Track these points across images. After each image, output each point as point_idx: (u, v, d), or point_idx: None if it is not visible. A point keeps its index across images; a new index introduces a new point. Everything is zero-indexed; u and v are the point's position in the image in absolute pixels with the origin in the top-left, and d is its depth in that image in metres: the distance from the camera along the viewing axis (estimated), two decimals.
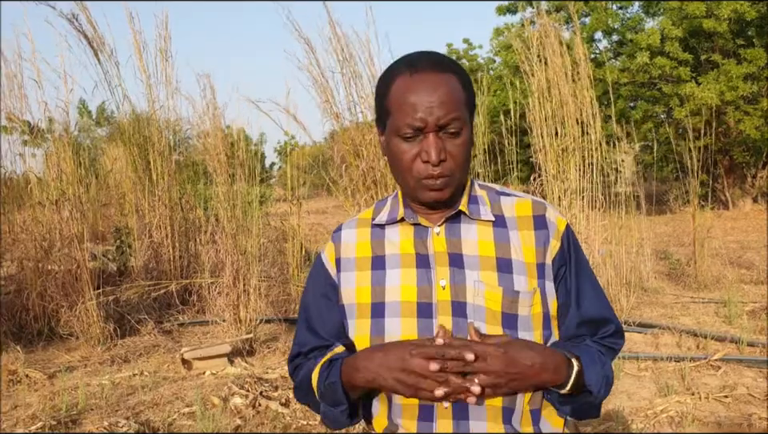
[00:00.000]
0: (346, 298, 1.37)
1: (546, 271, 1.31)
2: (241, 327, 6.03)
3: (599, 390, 1.25)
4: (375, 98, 1.36)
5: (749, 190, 16.66)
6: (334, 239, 1.44)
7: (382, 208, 1.42)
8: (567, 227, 1.36)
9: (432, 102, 1.22)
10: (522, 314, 1.26)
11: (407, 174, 1.28)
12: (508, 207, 1.36)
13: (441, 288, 1.28)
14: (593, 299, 1.36)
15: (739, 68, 14.47)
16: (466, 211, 1.32)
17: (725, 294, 6.86)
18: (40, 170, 7.15)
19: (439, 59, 1.30)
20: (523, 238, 1.31)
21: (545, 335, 1.29)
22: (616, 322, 1.39)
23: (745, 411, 4.04)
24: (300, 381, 1.41)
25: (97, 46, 7.61)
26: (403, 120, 1.24)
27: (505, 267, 1.28)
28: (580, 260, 1.37)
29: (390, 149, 1.31)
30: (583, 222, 6.15)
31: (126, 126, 8.10)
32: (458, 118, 1.24)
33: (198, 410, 4.20)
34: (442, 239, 1.32)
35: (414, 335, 1.26)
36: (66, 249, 6.32)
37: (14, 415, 4.43)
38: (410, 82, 1.25)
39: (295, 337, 1.48)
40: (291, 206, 7.40)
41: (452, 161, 1.25)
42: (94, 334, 6.03)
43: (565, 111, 6.26)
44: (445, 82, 1.25)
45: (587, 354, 1.26)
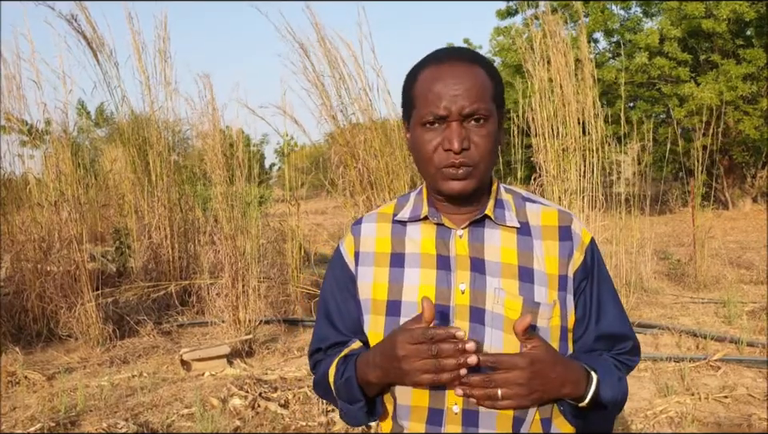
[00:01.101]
0: (363, 292, 1.35)
1: (567, 283, 1.29)
2: (240, 328, 6.03)
3: (614, 404, 1.24)
4: (402, 93, 1.34)
5: (748, 190, 16.66)
6: (354, 231, 1.41)
7: (404, 204, 1.39)
8: (592, 240, 1.34)
9: (457, 91, 1.20)
10: (540, 325, 1.24)
11: (429, 164, 1.25)
12: (534, 215, 1.33)
13: (460, 292, 1.26)
14: (613, 315, 1.34)
15: (738, 68, 14.47)
16: (492, 216, 1.30)
17: (724, 294, 6.86)
18: (39, 171, 7.14)
19: (467, 51, 1.29)
20: (547, 248, 1.29)
21: (561, 348, 1.27)
22: (634, 339, 1.38)
23: (744, 411, 4.04)
24: (319, 378, 1.39)
25: (96, 46, 7.61)
26: (427, 108, 1.22)
27: (526, 276, 1.26)
28: (602, 275, 1.34)
29: (413, 140, 1.29)
30: (583, 222, 6.14)
31: (125, 126, 8.10)
32: (482, 108, 1.22)
33: (197, 411, 4.20)
34: (465, 242, 1.29)
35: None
36: (65, 250, 6.31)
37: (12, 416, 4.43)
38: (435, 72, 1.24)
39: (315, 331, 1.46)
40: (290, 207, 7.40)
41: (475, 150, 1.22)
42: (93, 335, 6.03)
43: (566, 110, 6.24)
44: (471, 73, 1.23)
45: (604, 368, 1.25)
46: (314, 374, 1.44)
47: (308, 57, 6.21)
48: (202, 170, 7.85)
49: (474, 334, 1.22)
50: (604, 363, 1.26)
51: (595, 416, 1.25)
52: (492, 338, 1.23)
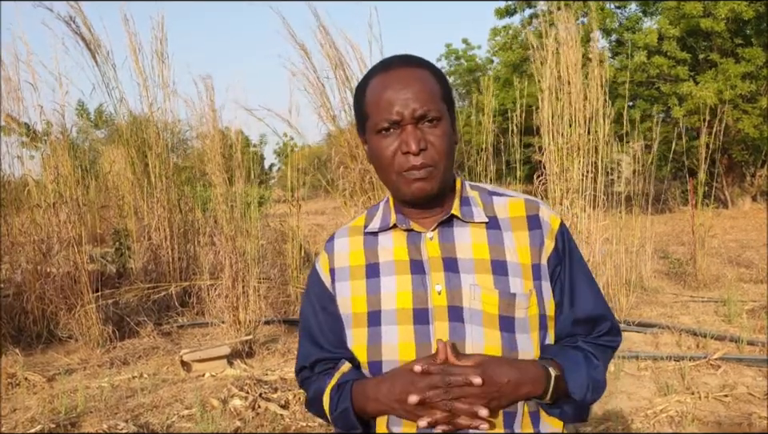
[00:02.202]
0: (343, 308, 1.36)
1: (541, 271, 1.30)
2: (240, 329, 6.03)
3: (584, 396, 1.25)
4: (354, 107, 1.37)
5: (748, 188, 16.68)
6: (327, 249, 1.43)
7: (374, 215, 1.41)
8: (561, 224, 1.35)
9: (407, 95, 1.23)
10: (518, 316, 1.25)
11: (390, 170, 1.27)
12: (501, 208, 1.35)
13: (436, 293, 1.27)
14: (588, 297, 1.35)
15: (737, 67, 14.49)
16: (459, 215, 1.32)
17: (724, 293, 6.86)
18: (38, 172, 7.14)
19: (411, 57, 1.32)
20: (517, 239, 1.30)
21: (541, 336, 1.29)
22: (612, 319, 1.38)
23: (745, 410, 4.03)
24: (311, 399, 1.41)
25: (94, 48, 7.60)
26: (380, 116, 1.25)
27: (500, 269, 1.28)
28: (575, 258, 1.36)
29: (371, 150, 1.31)
30: (585, 221, 6.14)
31: (124, 128, 8.10)
32: (434, 108, 1.24)
33: (197, 412, 4.20)
34: (436, 244, 1.31)
35: (412, 343, 1.26)
36: (64, 252, 6.31)
37: (13, 418, 4.42)
38: (384, 80, 1.27)
39: (299, 350, 1.47)
40: (291, 208, 7.40)
41: (433, 150, 1.24)
42: (93, 336, 6.03)
43: (574, 109, 6.21)
44: (418, 76, 1.26)
45: (572, 359, 1.26)
46: (304, 390, 1.46)
47: (309, 59, 6.21)
48: (202, 170, 7.85)
49: (454, 333, 1.24)
50: (573, 356, 1.28)
51: (568, 407, 1.26)
52: (472, 334, 1.24)
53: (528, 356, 1.25)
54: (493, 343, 1.23)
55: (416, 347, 1.25)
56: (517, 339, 1.25)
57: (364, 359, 1.32)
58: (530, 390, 1.19)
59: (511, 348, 1.24)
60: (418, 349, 1.25)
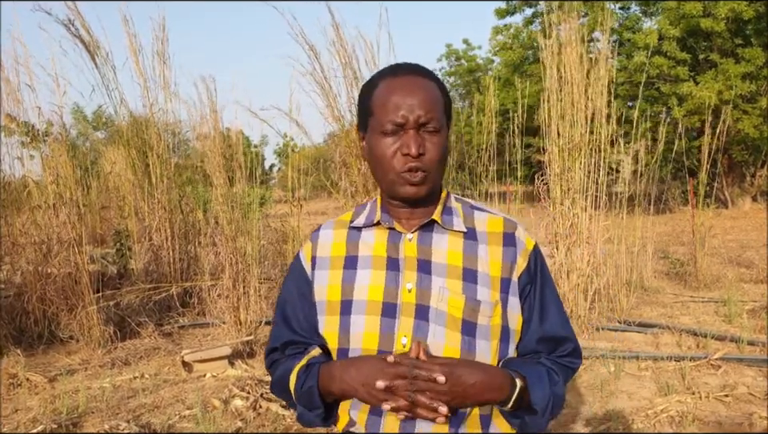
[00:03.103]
0: (318, 295, 1.43)
1: (510, 286, 1.36)
2: (241, 330, 6.03)
3: (545, 409, 1.30)
4: (359, 102, 1.43)
5: (748, 189, 16.69)
6: (312, 238, 1.50)
7: (361, 212, 1.48)
8: (536, 246, 1.42)
9: (413, 101, 1.30)
10: (481, 323, 1.32)
11: (388, 170, 1.33)
12: (481, 222, 1.42)
13: (407, 291, 1.34)
14: (556, 318, 1.41)
15: (737, 67, 14.50)
16: (440, 221, 1.38)
17: (725, 293, 6.87)
18: (38, 173, 7.14)
19: (421, 67, 1.39)
20: (491, 252, 1.37)
21: (501, 347, 1.34)
22: (575, 341, 1.45)
23: (745, 410, 4.04)
24: (277, 379, 1.47)
25: (93, 50, 7.59)
26: (386, 117, 1.31)
27: (470, 277, 1.34)
28: (546, 280, 1.42)
29: (371, 147, 1.37)
30: (586, 221, 6.14)
31: (125, 129, 8.10)
32: (436, 118, 1.31)
33: (198, 412, 4.20)
34: (414, 245, 1.38)
35: (376, 333, 1.32)
36: (65, 252, 6.31)
37: (14, 418, 4.43)
38: (393, 83, 1.34)
39: (271, 332, 1.55)
40: (292, 208, 7.40)
41: (429, 157, 1.31)
42: (94, 337, 6.03)
43: (576, 108, 6.19)
44: (426, 86, 1.33)
45: (535, 373, 1.31)
46: (271, 373, 1.51)
47: (318, 58, 6.22)
48: (203, 171, 7.85)
49: (417, 329, 1.30)
50: (536, 369, 1.33)
51: (529, 418, 1.31)
52: (435, 333, 1.30)
53: (484, 361, 1.31)
54: (452, 345, 1.30)
55: (379, 337, 1.32)
56: (476, 344, 1.31)
57: (334, 346, 1.38)
58: (495, 396, 1.25)
59: (469, 351, 1.30)
60: (380, 339, 1.32)
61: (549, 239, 6.27)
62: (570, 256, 6.03)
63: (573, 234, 6.05)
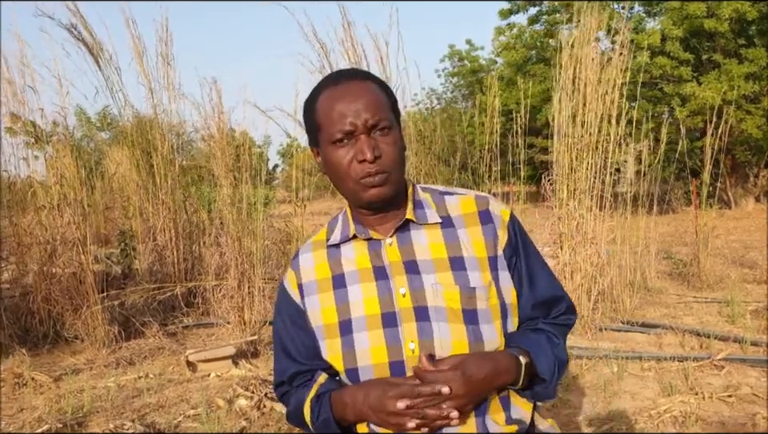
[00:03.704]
0: (314, 320, 1.42)
1: (498, 262, 1.37)
2: (245, 329, 6.05)
3: (552, 375, 1.33)
4: (304, 119, 1.42)
5: (751, 189, 16.67)
6: (293, 265, 1.49)
7: (334, 228, 1.47)
8: (511, 215, 1.43)
9: (358, 106, 1.30)
10: (480, 308, 1.32)
11: (347, 179, 1.33)
12: (453, 207, 1.41)
13: (401, 296, 1.33)
14: (543, 281, 1.43)
15: (741, 67, 14.48)
16: (413, 218, 1.38)
17: (728, 293, 6.86)
18: (42, 173, 7.17)
19: (358, 71, 1.41)
20: (472, 234, 1.37)
21: (504, 324, 1.36)
22: (567, 299, 1.47)
23: (749, 410, 4.04)
24: (292, 411, 1.48)
25: (96, 52, 7.61)
26: (334, 127, 1.31)
27: (458, 265, 1.34)
28: (528, 246, 1.44)
29: (327, 160, 1.36)
30: (591, 222, 6.13)
31: (129, 130, 8.12)
32: (384, 118, 1.31)
33: (203, 412, 4.22)
34: (395, 248, 1.37)
35: (383, 346, 1.32)
36: (69, 253, 6.33)
37: (20, 417, 4.45)
38: (334, 93, 1.33)
39: (274, 365, 1.53)
40: (296, 208, 7.42)
41: (386, 157, 1.31)
42: (98, 337, 6.05)
43: (587, 108, 6.17)
44: (367, 88, 1.33)
45: (536, 343, 1.34)
46: (284, 404, 1.52)
47: (327, 57, 6.24)
48: (208, 171, 7.87)
49: (422, 332, 1.30)
50: (536, 339, 1.36)
51: (538, 387, 1.35)
52: (440, 331, 1.30)
53: (493, 344, 1.32)
54: (459, 337, 1.30)
55: (387, 349, 1.32)
56: (481, 330, 1.31)
57: (341, 368, 1.37)
58: (505, 379, 1.28)
59: (477, 339, 1.30)
60: (389, 351, 1.31)
61: (553, 239, 6.27)
62: (575, 256, 6.03)
63: (578, 234, 6.05)
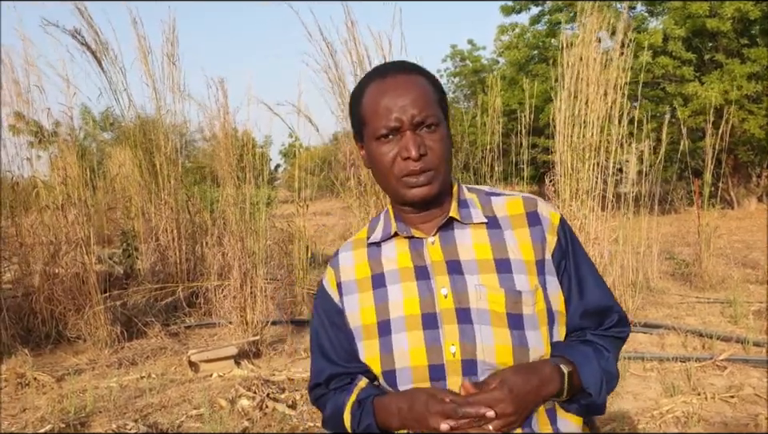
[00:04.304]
0: (353, 321, 1.38)
1: (546, 266, 1.31)
2: (247, 330, 6.05)
3: (599, 389, 1.27)
4: (350, 113, 1.39)
5: (754, 189, 16.63)
6: (333, 264, 1.45)
7: (375, 226, 1.44)
8: (561, 219, 1.37)
9: (405, 101, 1.25)
10: (526, 313, 1.26)
11: (390, 176, 1.30)
12: (499, 207, 1.37)
13: (443, 297, 1.28)
14: (594, 289, 1.36)
15: (743, 67, 14.45)
16: (458, 217, 1.34)
17: (730, 294, 6.85)
18: (45, 173, 7.18)
19: (406, 63, 1.34)
20: (519, 236, 1.32)
21: (550, 331, 1.30)
22: (619, 310, 1.40)
23: (751, 411, 4.04)
24: (330, 416, 1.43)
25: (100, 55, 7.61)
26: (379, 122, 1.27)
27: (504, 267, 1.29)
28: (578, 251, 1.37)
29: (370, 155, 1.34)
30: (594, 222, 6.13)
31: (132, 130, 8.13)
32: (432, 114, 1.27)
33: (205, 412, 4.23)
34: (438, 247, 1.33)
35: (422, 348, 1.27)
36: (72, 253, 6.34)
37: (22, 417, 4.46)
38: (381, 87, 1.29)
39: (311, 367, 1.49)
40: (298, 208, 7.43)
41: (432, 155, 1.27)
42: (101, 337, 6.06)
43: (590, 108, 6.17)
44: (414, 82, 1.28)
45: (582, 354, 1.28)
46: (319, 408, 1.48)
47: (333, 56, 6.25)
48: (212, 171, 7.88)
49: (463, 334, 1.25)
50: (583, 350, 1.30)
51: (584, 401, 1.28)
52: (482, 334, 1.25)
53: (538, 352, 1.27)
54: (503, 342, 1.24)
55: (426, 351, 1.27)
56: (526, 336, 1.26)
57: (378, 370, 1.33)
58: (550, 390, 1.22)
59: (521, 345, 1.25)
60: (428, 353, 1.27)
61: None
62: None
63: (580, 234, 6.05)
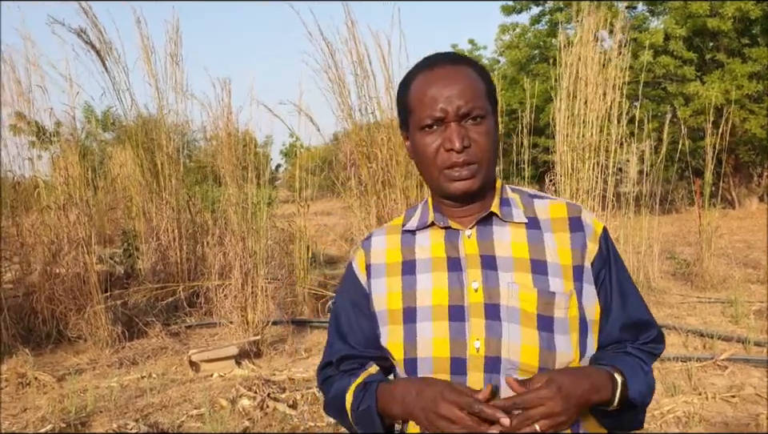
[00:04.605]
0: (378, 304, 1.35)
1: (584, 273, 1.27)
2: (248, 329, 6.05)
3: (644, 401, 1.24)
4: (397, 102, 1.37)
5: (755, 189, 16.62)
6: (364, 245, 1.43)
7: (412, 215, 1.41)
8: (605, 229, 1.34)
9: (451, 92, 1.23)
10: (558, 316, 1.23)
11: (432, 167, 1.27)
12: (542, 210, 1.33)
13: (473, 290, 1.25)
14: (635, 302, 1.33)
15: (744, 67, 14.43)
16: (498, 213, 1.31)
17: (731, 293, 6.85)
18: (47, 173, 7.19)
19: (455, 55, 1.32)
20: (558, 240, 1.29)
21: (581, 340, 1.26)
22: (657, 325, 1.37)
23: (752, 411, 4.04)
24: (332, 398, 1.40)
25: (104, 54, 7.62)
26: (424, 112, 1.25)
27: (539, 268, 1.26)
28: (619, 263, 1.34)
29: (414, 146, 1.31)
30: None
31: (134, 129, 8.13)
32: (478, 106, 1.24)
33: (206, 412, 4.23)
34: (474, 241, 1.30)
35: (446, 339, 1.25)
36: (74, 252, 6.35)
37: (23, 417, 4.46)
38: (428, 77, 1.26)
39: (326, 345, 1.47)
40: (299, 208, 7.43)
41: (476, 147, 1.24)
42: (102, 337, 6.06)
43: (590, 108, 6.16)
44: (463, 74, 1.26)
45: (629, 365, 1.25)
46: (324, 391, 1.45)
47: (333, 56, 6.27)
48: (213, 171, 7.88)
49: (490, 330, 1.22)
50: (630, 361, 1.26)
51: (627, 414, 1.25)
52: (509, 332, 1.22)
53: (566, 357, 1.23)
54: (530, 342, 1.21)
55: (450, 343, 1.24)
56: (555, 340, 1.22)
57: (400, 357, 1.30)
58: (600, 397, 1.18)
59: (549, 348, 1.22)
60: (452, 345, 1.24)
61: None
62: None
63: None
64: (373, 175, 6.15)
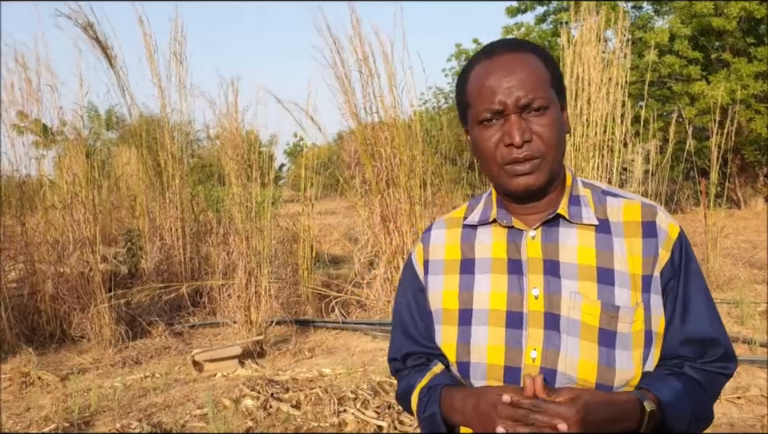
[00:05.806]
0: (434, 302, 1.31)
1: (652, 284, 1.18)
2: (252, 329, 6.05)
3: (686, 429, 1.16)
4: (455, 95, 1.29)
5: (760, 189, 16.56)
6: (423, 239, 1.38)
7: (474, 207, 1.34)
8: (680, 234, 1.24)
9: (511, 83, 1.15)
10: (621, 331, 1.16)
11: (492, 163, 1.20)
12: (614, 211, 1.24)
13: (533, 298, 1.20)
14: (702, 316, 1.21)
15: (750, 66, 14.38)
16: (566, 215, 1.22)
17: (737, 294, 6.81)
18: (51, 172, 7.20)
19: (517, 41, 1.23)
20: (629, 246, 1.20)
21: (645, 354, 1.18)
22: (725, 344, 1.23)
23: (758, 412, 4.02)
24: (402, 393, 1.38)
25: (109, 52, 7.64)
26: (482, 105, 1.18)
27: (606, 278, 1.18)
28: (691, 271, 1.23)
29: (473, 140, 1.24)
30: None
31: (138, 129, 8.14)
32: (540, 96, 1.16)
33: (209, 411, 4.21)
34: (538, 244, 1.22)
35: (502, 346, 1.20)
36: (78, 252, 6.35)
37: (27, 416, 4.46)
38: (486, 67, 1.19)
39: (391, 340, 1.44)
40: (304, 207, 7.42)
41: (539, 141, 1.16)
42: (105, 336, 6.07)
43: (593, 108, 6.14)
44: (524, 62, 1.17)
45: (672, 390, 1.15)
46: (397, 380, 1.42)
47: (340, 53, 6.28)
48: (217, 171, 7.89)
49: (548, 341, 1.17)
50: (677, 386, 1.17)
51: None
52: (567, 345, 1.16)
53: (627, 374, 1.16)
54: (589, 358, 1.15)
55: (505, 351, 1.20)
56: (616, 356, 1.15)
57: (453, 359, 1.26)
58: (624, 426, 1.10)
59: (609, 365, 1.15)
60: (507, 354, 1.20)
61: None
62: None
63: None
64: (377, 174, 6.14)
